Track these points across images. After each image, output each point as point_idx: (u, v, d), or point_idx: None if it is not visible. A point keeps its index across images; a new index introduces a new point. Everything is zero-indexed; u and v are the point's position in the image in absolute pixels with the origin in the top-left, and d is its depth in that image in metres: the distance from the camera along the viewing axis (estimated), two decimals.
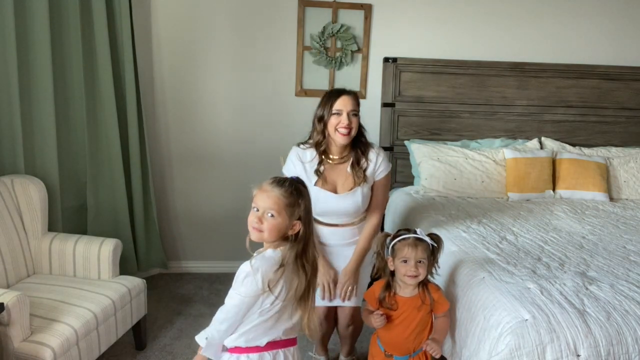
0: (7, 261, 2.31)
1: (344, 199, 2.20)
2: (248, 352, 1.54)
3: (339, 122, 2.13)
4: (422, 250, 1.82)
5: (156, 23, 3.24)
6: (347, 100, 2.14)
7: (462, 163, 3.17)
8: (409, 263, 1.82)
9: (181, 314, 2.98)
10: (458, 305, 1.93)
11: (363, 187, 2.20)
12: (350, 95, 2.16)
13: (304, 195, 1.54)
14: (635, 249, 2.24)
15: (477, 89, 3.43)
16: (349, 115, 2.13)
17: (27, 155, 2.58)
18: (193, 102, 3.37)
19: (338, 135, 2.14)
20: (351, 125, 2.13)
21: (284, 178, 1.56)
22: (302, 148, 2.27)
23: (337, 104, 2.13)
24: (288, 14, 3.30)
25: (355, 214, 2.25)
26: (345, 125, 2.12)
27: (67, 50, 2.74)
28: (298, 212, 1.51)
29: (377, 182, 2.27)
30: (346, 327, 2.32)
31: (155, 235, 3.28)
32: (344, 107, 2.13)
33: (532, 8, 3.43)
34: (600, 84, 3.50)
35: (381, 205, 2.31)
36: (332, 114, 2.14)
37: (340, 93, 2.17)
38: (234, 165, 3.45)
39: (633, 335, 1.56)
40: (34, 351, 1.87)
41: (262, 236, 1.51)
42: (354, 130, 2.16)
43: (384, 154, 2.28)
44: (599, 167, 3.20)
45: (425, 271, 1.84)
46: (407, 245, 1.83)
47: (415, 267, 1.81)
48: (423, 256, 1.82)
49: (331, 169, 2.23)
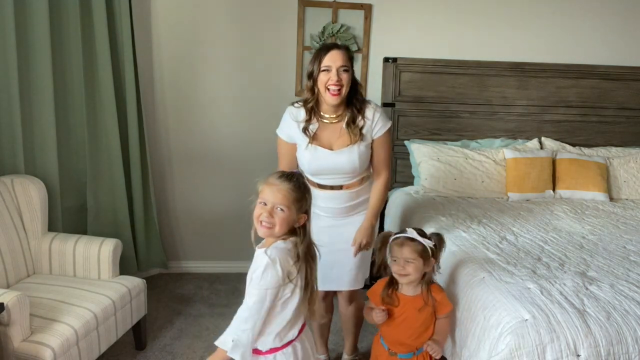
0: (7, 261, 2.31)
1: (339, 155, 2.10)
2: (283, 348, 1.56)
3: (328, 78, 2.00)
4: (409, 250, 1.83)
5: (156, 23, 3.24)
6: (337, 55, 2.01)
7: (462, 163, 3.17)
8: (398, 262, 1.85)
9: (181, 314, 2.98)
10: (458, 305, 1.93)
11: (360, 145, 2.10)
12: (340, 49, 2.03)
13: (309, 190, 1.58)
14: (635, 249, 2.24)
15: (477, 89, 3.43)
16: (339, 72, 2.00)
17: (27, 155, 2.58)
18: (193, 102, 3.37)
19: (328, 94, 2.02)
20: (341, 82, 2.01)
21: (290, 173, 1.57)
22: (296, 107, 2.17)
23: (326, 59, 2.00)
24: (288, 14, 3.29)
25: (352, 173, 2.14)
26: (334, 82, 1.99)
27: (67, 50, 2.74)
28: (304, 206, 1.54)
29: (376, 140, 2.16)
30: (346, 306, 2.31)
31: (155, 235, 3.28)
32: (332, 62, 2.00)
33: (532, 8, 3.43)
34: (600, 84, 3.49)
35: (384, 163, 2.19)
36: (322, 71, 2.01)
37: (329, 48, 2.04)
38: (234, 165, 3.45)
39: (633, 335, 1.56)
40: (34, 351, 1.87)
41: (272, 232, 1.51)
42: (345, 88, 2.03)
43: (382, 111, 2.17)
44: (599, 167, 3.20)
45: (417, 271, 1.84)
46: (396, 244, 1.87)
47: (403, 266, 1.83)
48: (411, 256, 1.83)
49: (325, 128, 2.12)
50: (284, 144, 2.21)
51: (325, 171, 2.13)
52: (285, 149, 2.21)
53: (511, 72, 3.42)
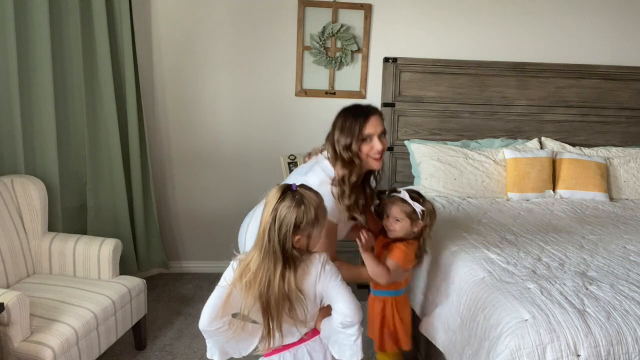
0: (7, 261, 2.31)
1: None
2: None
3: (371, 148, 1.84)
4: (397, 209, 1.97)
5: (156, 23, 3.24)
6: (377, 121, 1.85)
7: (462, 163, 3.17)
8: (389, 218, 2.01)
9: (181, 314, 2.98)
10: (458, 305, 1.93)
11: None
12: (377, 114, 1.87)
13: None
14: (635, 249, 2.24)
15: (477, 89, 3.43)
16: (381, 139, 1.86)
17: (27, 155, 2.58)
18: (193, 102, 3.37)
19: (371, 160, 1.86)
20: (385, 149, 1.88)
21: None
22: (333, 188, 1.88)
23: (368, 127, 1.83)
24: (288, 14, 3.30)
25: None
26: (379, 150, 1.85)
27: (67, 50, 2.74)
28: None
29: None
30: None
31: (155, 235, 3.28)
32: (374, 130, 1.84)
33: (532, 8, 3.43)
34: (600, 84, 3.50)
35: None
36: (363, 140, 1.83)
37: (368, 114, 1.85)
38: (234, 165, 3.45)
39: (633, 335, 1.56)
40: (34, 351, 1.87)
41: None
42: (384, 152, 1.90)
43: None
44: (599, 167, 3.20)
45: (402, 229, 1.98)
46: (390, 201, 2.01)
47: (391, 222, 1.99)
48: (399, 215, 1.97)
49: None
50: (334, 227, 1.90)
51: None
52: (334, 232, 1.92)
53: (511, 72, 3.42)
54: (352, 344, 1.52)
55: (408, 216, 1.96)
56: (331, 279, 1.50)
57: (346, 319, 1.49)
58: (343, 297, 1.50)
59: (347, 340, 1.52)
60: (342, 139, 1.83)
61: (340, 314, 1.49)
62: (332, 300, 1.51)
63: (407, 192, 2.00)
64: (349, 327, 1.50)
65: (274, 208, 1.44)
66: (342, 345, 1.54)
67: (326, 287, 1.51)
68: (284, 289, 1.45)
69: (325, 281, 1.50)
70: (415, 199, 1.98)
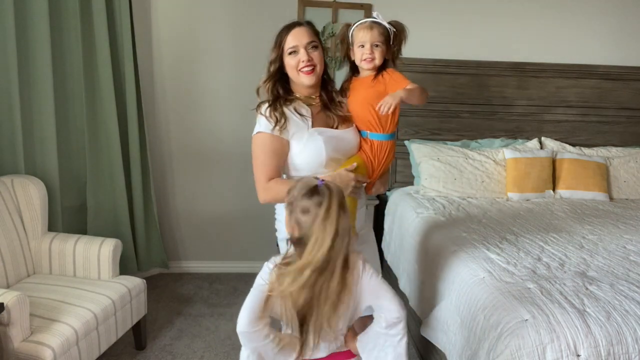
0: (7, 261, 2.31)
1: (349, 133, 1.84)
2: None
3: (298, 61, 1.76)
4: (378, 33, 1.80)
5: (156, 23, 3.24)
6: (301, 32, 1.76)
7: (462, 163, 3.17)
8: (365, 47, 1.80)
9: (181, 314, 2.98)
10: (458, 305, 1.93)
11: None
12: (302, 25, 1.79)
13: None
14: (635, 249, 2.24)
15: (477, 89, 3.43)
16: (308, 50, 1.75)
17: (27, 155, 2.58)
18: (193, 102, 3.37)
19: (302, 74, 1.77)
20: (313, 61, 1.76)
21: (314, 187, 1.38)
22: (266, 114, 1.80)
23: (290, 39, 1.76)
24: (288, 14, 3.29)
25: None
26: (306, 63, 1.75)
27: (67, 50, 2.74)
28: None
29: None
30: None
31: (155, 235, 3.28)
32: (298, 41, 1.75)
33: (532, 8, 3.43)
34: (600, 84, 3.50)
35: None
36: (289, 54, 1.76)
37: (290, 27, 1.78)
38: (234, 165, 3.45)
39: (633, 335, 1.56)
40: (34, 351, 1.87)
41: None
42: (319, 66, 1.79)
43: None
44: (599, 167, 3.20)
45: (382, 56, 1.80)
46: (364, 28, 1.81)
47: (371, 50, 1.79)
48: (379, 39, 1.80)
49: (318, 117, 1.84)
50: (269, 140, 1.77)
51: (340, 154, 1.81)
52: (272, 149, 1.79)
53: (511, 72, 3.42)
54: (396, 345, 1.46)
55: (386, 39, 1.81)
56: (372, 276, 1.45)
57: (392, 315, 1.44)
58: (386, 293, 1.45)
59: (390, 341, 1.47)
60: (271, 55, 1.82)
61: (386, 311, 1.45)
62: (376, 298, 1.46)
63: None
64: (394, 327, 1.46)
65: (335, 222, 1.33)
66: (383, 348, 1.47)
67: (367, 286, 1.44)
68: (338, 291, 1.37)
69: (367, 279, 1.44)
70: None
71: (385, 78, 1.81)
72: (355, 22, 1.85)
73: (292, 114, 1.80)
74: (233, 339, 2.72)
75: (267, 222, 3.51)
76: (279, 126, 1.75)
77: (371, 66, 1.81)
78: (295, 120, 1.78)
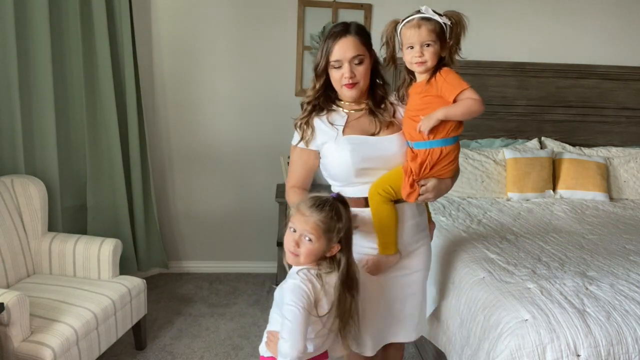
0: (7, 261, 2.31)
1: (386, 141, 1.69)
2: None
3: (341, 75, 1.65)
4: (427, 31, 1.56)
5: (156, 23, 3.24)
6: (347, 44, 1.63)
7: (462, 163, 3.17)
8: (415, 48, 1.58)
9: (181, 314, 2.98)
10: (458, 305, 1.93)
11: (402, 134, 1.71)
12: (349, 35, 1.64)
13: (344, 217, 1.45)
14: (635, 249, 2.24)
15: (477, 89, 3.38)
16: (352, 65, 1.63)
17: (27, 155, 2.58)
18: (193, 102, 3.37)
19: (344, 88, 1.67)
20: (356, 78, 1.64)
21: (324, 200, 1.45)
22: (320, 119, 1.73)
23: (335, 52, 1.63)
24: (288, 14, 3.29)
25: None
26: (348, 79, 1.64)
27: (67, 50, 2.74)
28: (337, 236, 1.45)
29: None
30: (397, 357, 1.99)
31: (155, 235, 3.28)
32: (342, 55, 1.63)
33: (533, 8, 3.42)
34: (600, 84, 3.49)
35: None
36: (332, 67, 1.66)
37: (337, 35, 1.64)
38: (234, 165, 3.45)
39: (633, 335, 1.56)
40: (34, 351, 1.87)
41: (298, 260, 1.44)
42: (363, 82, 1.67)
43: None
44: (599, 167, 3.20)
45: (435, 56, 1.59)
46: (411, 27, 1.58)
47: (420, 52, 1.57)
48: (429, 38, 1.56)
49: (353, 117, 1.73)
50: (297, 152, 1.79)
51: (374, 163, 1.68)
52: (298, 160, 1.80)
53: (511, 72, 3.42)
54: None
55: (438, 37, 1.57)
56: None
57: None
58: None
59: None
60: (315, 60, 1.71)
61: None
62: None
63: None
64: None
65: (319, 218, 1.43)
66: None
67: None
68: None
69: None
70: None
71: (438, 81, 1.60)
72: (403, 18, 1.63)
73: (322, 123, 1.73)
74: (233, 339, 2.73)
75: (267, 222, 3.52)
76: (304, 140, 1.74)
77: (423, 69, 1.61)
78: (324, 130, 1.72)
